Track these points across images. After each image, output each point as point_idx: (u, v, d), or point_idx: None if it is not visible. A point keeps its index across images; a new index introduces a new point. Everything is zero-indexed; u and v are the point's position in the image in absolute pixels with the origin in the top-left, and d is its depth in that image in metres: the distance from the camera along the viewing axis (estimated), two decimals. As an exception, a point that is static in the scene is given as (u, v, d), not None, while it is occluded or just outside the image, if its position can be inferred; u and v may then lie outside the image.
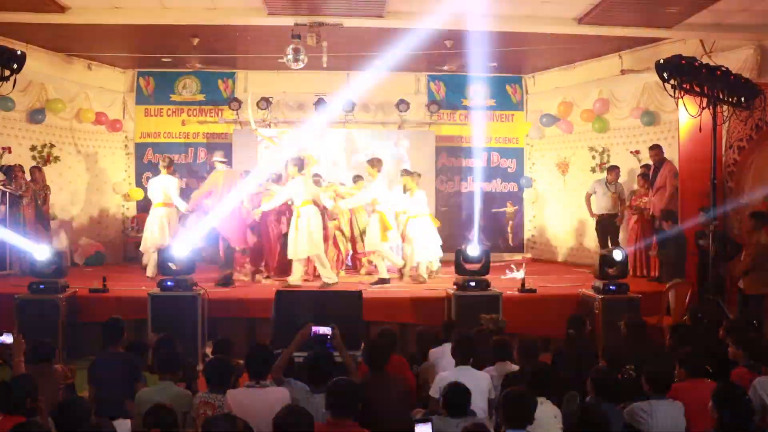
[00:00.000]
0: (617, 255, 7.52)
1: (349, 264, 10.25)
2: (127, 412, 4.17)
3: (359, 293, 6.76)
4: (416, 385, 5.10)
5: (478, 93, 12.21)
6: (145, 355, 5.35)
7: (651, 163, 9.59)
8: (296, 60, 8.63)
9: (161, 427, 3.48)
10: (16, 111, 10.22)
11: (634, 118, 10.62)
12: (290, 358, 4.66)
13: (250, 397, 4.04)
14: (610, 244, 9.94)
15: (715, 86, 6.68)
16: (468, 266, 7.52)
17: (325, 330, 4.77)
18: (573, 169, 11.86)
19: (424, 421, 3.52)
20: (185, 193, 9.88)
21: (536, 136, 12.23)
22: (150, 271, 8.97)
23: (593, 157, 11.49)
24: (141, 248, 9.39)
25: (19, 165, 9.93)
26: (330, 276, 8.50)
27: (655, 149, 9.44)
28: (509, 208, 12.07)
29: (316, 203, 8.67)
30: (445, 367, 4.80)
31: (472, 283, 7.40)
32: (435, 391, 4.35)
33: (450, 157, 12.33)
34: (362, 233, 9.56)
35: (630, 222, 10.00)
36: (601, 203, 10.25)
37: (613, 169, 10.28)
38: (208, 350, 6.99)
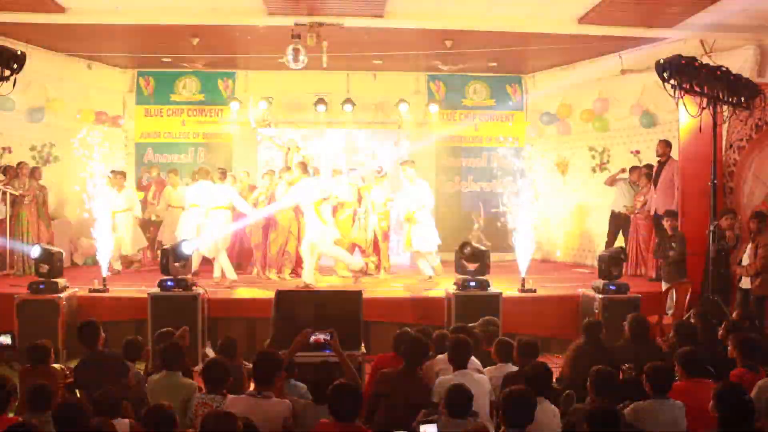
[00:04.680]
0: (617, 255, 7.52)
1: None
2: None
3: (359, 293, 6.76)
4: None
5: (478, 93, 12.22)
6: (142, 352, 5.33)
7: (656, 157, 9.53)
8: (296, 60, 8.62)
9: (160, 427, 3.48)
10: (16, 111, 10.19)
11: (634, 118, 10.61)
12: (290, 361, 4.65)
13: (250, 407, 3.92)
14: (624, 243, 9.92)
15: (715, 86, 6.68)
16: (468, 266, 7.53)
17: (324, 336, 4.75)
18: (573, 169, 11.85)
19: (428, 422, 3.51)
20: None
21: (534, 134, 12.21)
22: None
23: (593, 157, 11.47)
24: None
25: (24, 163, 9.94)
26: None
27: (663, 143, 9.40)
28: (509, 208, 12.04)
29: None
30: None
31: (472, 283, 7.41)
32: (436, 396, 4.34)
33: (450, 157, 12.31)
34: None
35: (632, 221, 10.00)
36: (621, 201, 10.23)
37: (636, 170, 10.20)
38: (208, 350, 7.02)
